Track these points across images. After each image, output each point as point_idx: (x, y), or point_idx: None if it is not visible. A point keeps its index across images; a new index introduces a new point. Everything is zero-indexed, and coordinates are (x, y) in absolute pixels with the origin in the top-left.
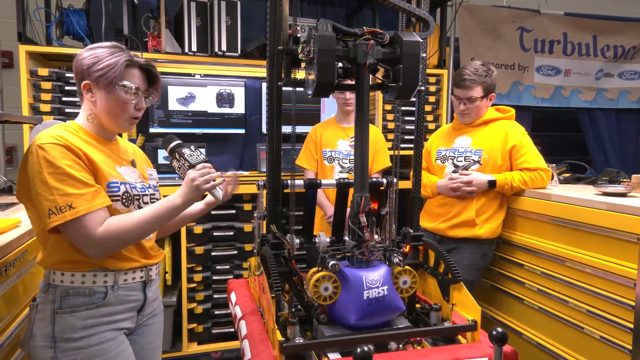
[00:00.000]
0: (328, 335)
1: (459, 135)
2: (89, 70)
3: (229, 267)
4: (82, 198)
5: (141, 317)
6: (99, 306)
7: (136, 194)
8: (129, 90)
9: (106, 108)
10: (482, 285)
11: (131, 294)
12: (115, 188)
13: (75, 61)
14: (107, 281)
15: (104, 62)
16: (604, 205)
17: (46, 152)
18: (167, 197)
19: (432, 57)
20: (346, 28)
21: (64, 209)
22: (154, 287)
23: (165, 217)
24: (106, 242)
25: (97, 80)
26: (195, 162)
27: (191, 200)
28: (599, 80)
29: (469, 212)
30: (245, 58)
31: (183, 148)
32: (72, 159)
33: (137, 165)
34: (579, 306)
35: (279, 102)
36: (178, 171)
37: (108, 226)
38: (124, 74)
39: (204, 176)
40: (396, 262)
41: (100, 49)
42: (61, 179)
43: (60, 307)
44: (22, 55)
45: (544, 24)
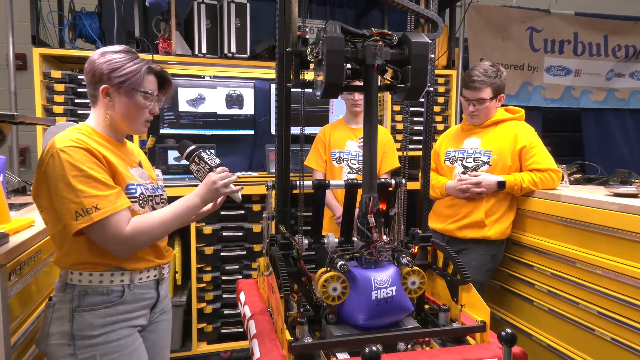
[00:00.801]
0: (336, 335)
1: (468, 136)
2: (109, 75)
3: (238, 267)
4: (106, 199)
5: (153, 314)
6: (117, 304)
7: (149, 195)
8: (149, 96)
9: (125, 112)
10: (492, 286)
11: (146, 292)
12: (133, 190)
13: (91, 65)
14: (123, 280)
15: (126, 68)
16: (615, 207)
17: (69, 155)
18: (186, 197)
19: (441, 57)
20: (355, 29)
21: (90, 210)
22: (165, 284)
23: (185, 216)
24: (134, 241)
25: (118, 85)
26: (215, 165)
27: (208, 201)
28: (609, 81)
29: (479, 213)
30: (255, 59)
31: (202, 152)
32: (94, 162)
33: (143, 166)
34: (589, 308)
35: (288, 103)
36: (197, 174)
37: (135, 225)
38: (144, 80)
39: (223, 179)
40: (405, 262)
41: (116, 54)
42: (85, 181)
43: (79, 305)
44: (36, 57)
45: (554, 23)
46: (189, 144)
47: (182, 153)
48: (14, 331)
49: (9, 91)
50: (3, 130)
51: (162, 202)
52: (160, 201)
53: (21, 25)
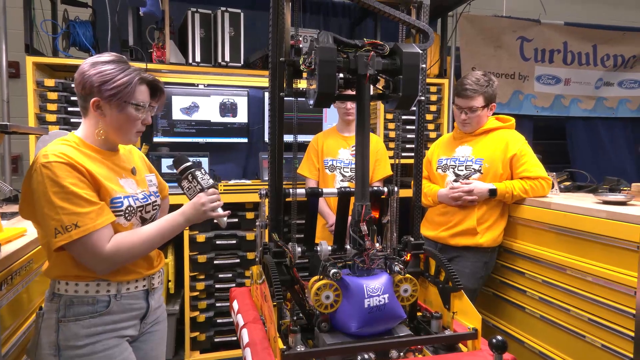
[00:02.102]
0: (329, 344)
1: (459, 144)
2: (100, 87)
3: (231, 276)
4: (87, 216)
5: (144, 325)
6: (103, 314)
7: (139, 205)
8: (140, 108)
9: (116, 124)
10: (484, 293)
11: (134, 302)
12: (119, 203)
13: (81, 76)
14: (110, 290)
15: (116, 80)
16: (604, 214)
17: (50, 171)
18: (171, 216)
19: (433, 66)
20: (347, 39)
21: (69, 227)
22: (157, 295)
23: (169, 235)
24: (114, 259)
25: (109, 98)
26: (207, 186)
27: (193, 222)
28: (598, 89)
29: (470, 221)
30: (248, 68)
31: (196, 170)
32: (76, 177)
33: (137, 172)
34: (580, 314)
35: (281, 112)
36: (187, 192)
37: (116, 243)
38: (135, 91)
39: (213, 202)
40: (397, 270)
41: (106, 65)
42: (66, 197)
43: (64, 315)
44: (29, 66)
45: (545, 33)
46: (185, 160)
47: (177, 167)
48: (5, 341)
49: (2, 99)
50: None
51: (153, 210)
52: (152, 209)
53: (14, 33)
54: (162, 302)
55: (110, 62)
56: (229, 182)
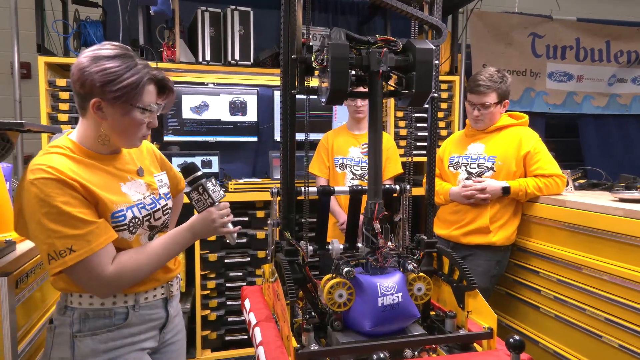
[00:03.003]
0: (343, 342)
1: (472, 141)
2: (102, 88)
3: (242, 274)
4: (83, 239)
5: (164, 335)
6: (121, 327)
7: (146, 214)
8: (147, 112)
9: (119, 129)
10: (497, 292)
11: (153, 312)
12: (121, 217)
13: (81, 73)
14: (127, 301)
15: (122, 80)
16: (621, 212)
17: (39, 189)
18: (178, 231)
19: (444, 64)
20: (359, 36)
21: (64, 252)
22: (175, 302)
23: (176, 252)
24: (118, 282)
25: (113, 100)
26: (217, 199)
27: (202, 237)
28: (611, 86)
29: (483, 219)
30: (258, 67)
31: (207, 182)
32: (69, 194)
33: (144, 173)
34: (596, 314)
35: (293, 110)
36: (196, 204)
37: (120, 264)
38: (143, 93)
39: (223, 217)
40: (410, 269)
41: (110, 61)
42: (58, 219)
43: (79, 330)
44: (41, 66)
45: (556, 29)
46: (196, 169)
47: (187, 177)
48: (20, 340)
49: (14, 99)
50: (10, 138)
51: (164, 215)
52: (163, 214)
53: (25, 34)
54: (179, 310)
55: (115, 57)
56: (239, 181)
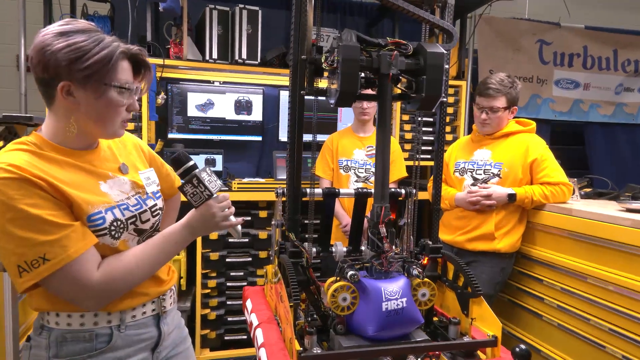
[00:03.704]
0: (346, 347)
1: (478, 147)
2: (70, 67)
3: (243, 274)
4: (57, 245)
5: (157, 355)
6: (103, 351)
7: (130, 215)
8: (125, 90)
9: (94, 114)
10: (500, 299)
11: (142, 332)
12: (99, 220)
13: (41, 54)
14: (111, 320)
15: (92, 56)
16: (628, 222)
17: (1, 191)
18: (175, 230)
19: (451, 68)
20: (370, 38)
21: (36, 263)
22: (169, 317)
23: (172, 253)
24: (107, 291)
25: (83, 80)
26: (215, 191)
27: (202, 234)
28: (618, 95)
29: (488, 226)
30: (265, 66)
31: (201, 172)
32: (36, 194)
33: (129, 169)
34: (600, 324)
35: (301, 110)
36: (192, 197)
37: (108, 270)
38: (117, 69)
39: (224, 210)
40: (415, 274)
41: (75, 35)
42: (26, 224)
43: (56, 355)
44: None
45: (564, 37)
46: (187, 159)
47: (177, 168)
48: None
49: (19, 92)
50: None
51: (153, 216)
52: (152, 215)
53: (32, 27)
54: (179, 322)
55: (79, 31)
56: (242, 180)
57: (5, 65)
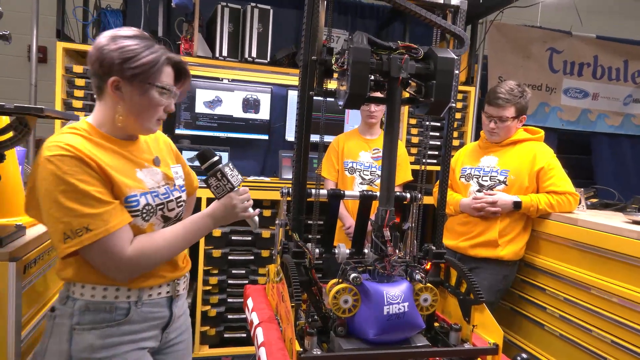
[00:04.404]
0: (346, 349)
1: (485, 154)
2: (122, 66)
3: (244, 272)
4: (99, 218)
5: (166, 335)
6: (121, 323)
7: (159, 202)
8: (165, 92)
9: (136, 109)
10: (501, 307)
11: (156, 311)
12: (134, 202)
13: (99, 52)
14: (130, 296)
15: (141, 58)
16: (635, 234)
17: (56, 166)
18: (199, 217)
19: (461, 74)
20: (381, 41)
21: (80, 232)
22: (180, 302)
23: (195, 238)
24: (136, 264)
25: (131, 78)
26: (237, 184)
27: (221, 224)
28: (627, 106)
29: (492, 233)
30: (274, 65)
31: (225, 167)
32: (87, 172)
33: (161, 162)
34: (603, 336)
35: (310, 111)
36: (215, 190)
37: (140, 246)
38: (162, 73)
39: (244, 202)
40: (418, 278)
41: (128, 39)
42: (75, 197)
43: (79, 322)
44: (59, 51)
45: (575, 46)
46: (212, 154)
47: (203, 163)
48: (24, 325)
49: (30, 83)
50: (28, 123)
51: (178, 207)
52: (177, 205)
53: (44, 18)
54: (185, 310)
55: (133, 37)
56: (247, 178)
57: (16, 55)
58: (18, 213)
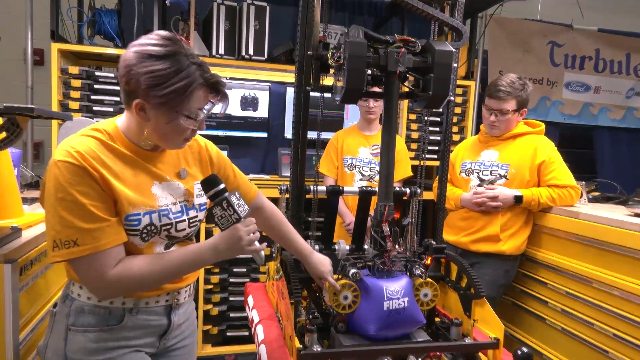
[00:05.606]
0: (346, 345)
1: (485, 148)
2: (148, 92)
3: (245, 270)
4: (90, 234)
5: (164, 342)
6: (114, 329)
7: (166, 222)
8: (193, 120)
9: (161, 132)
10: (503, 302)
11: (153, 319)
12: (135, 221)
13: (127, 70)
14: (125, 303)
15: (170, 85)
16: (636, 227)
17: (60, 171)
18: (199, 249)
19: (460, 68)
20: (377, 35)
21: (67, 244)
22: (182, 310)
23: (190, 270)
24: (115, 287)
25: (158, 105)
26: (243, 215)
27: (223, 258)
28: (629, 99)
29: (494, 227)
30: (272, 62)
31: (231, 195)
32: (88, 185)
33: (187, 176)
34: (604, 329)
35: (306, 106)
36: (219, 220)
37: (124, 270)
38: (191, 99)
39: (250, 235)
40: (418, 273)
41: (159, 62)
42: (70, 207)
43: (74, 323)
44: (54, 52)
45: (576, 39)
46: (218, 182)
47: (207, 190)
48: (22, 328)
49: (26, 85)
50: (20, 123)
51: (190, 227)
52: (189, 226)
53: (39, 20)
54: (190, 315)
55: (165, 56)
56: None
57: (12, 59)
58: (14, 215)
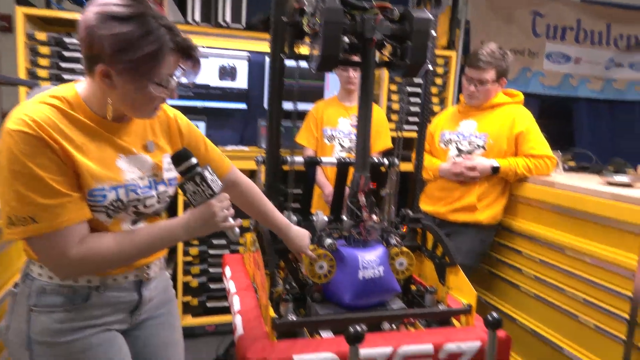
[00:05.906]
0: (321, 314)
1: (464, 118)
2: (113, 57)
3: (225, 242)
4: (49, 210)
5: (136, 318)
6: (80, 308)
7: (134, 198)
8: (163, 87)
9: (130, 101)
10: (480, 270)
11: (122, 295)
12: (100, 197)
13: (88, 33)
14: (91, 281)
15: (138, 50)
16: (609, 195)
17: (14, 141)
18: (170, 226)
19: (442, 38)
20: (354, 1)
21: (24, 221)
22: (153, 284)
23: (159, 249)
24: (81, 266)
25: (125, 72)
26: (217, 190)
27: (196, 235)
28: (608, 70)
29: (471, 197)
30: (250, 30)
31: (204, 171)
32: (46, 157)
33: (154, 148)
34: (575, 295)
35: (281, 74)
36: (192, 196)
37: (88, 248)
38: (162, 65)
39: (224, 211)
40: (394, 243)
41: (124, 24)
42: (27, 181)
43: (36, 304)
44: (20, 17)
45: (559, 9)
46: (189, 155)
47: (178, 165)
48: None
49: None
50: None
51: (158, 204)
52: (157, 202)
53: None
54: (165, 288)
55: (130, 18)
56: (225, 148)
57: None
58: None
